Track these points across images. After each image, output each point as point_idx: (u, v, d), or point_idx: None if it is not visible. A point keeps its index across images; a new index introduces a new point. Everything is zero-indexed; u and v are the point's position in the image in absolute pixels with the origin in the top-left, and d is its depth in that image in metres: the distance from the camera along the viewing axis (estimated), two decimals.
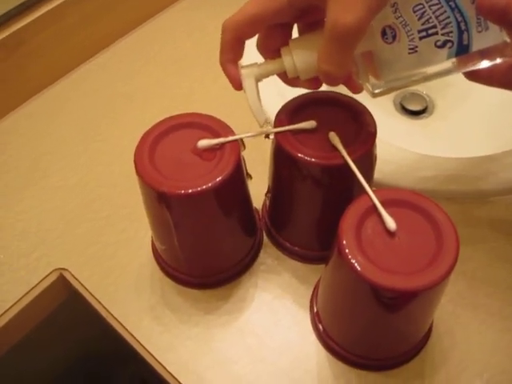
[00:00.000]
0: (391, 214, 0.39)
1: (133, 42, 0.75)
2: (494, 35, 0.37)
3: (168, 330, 0.50)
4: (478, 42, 0.37)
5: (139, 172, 0.43)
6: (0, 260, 0.55)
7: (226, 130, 0.45)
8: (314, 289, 0.51)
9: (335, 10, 0.35)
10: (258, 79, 0.42)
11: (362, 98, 0.45)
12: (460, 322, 0.50)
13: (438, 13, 0.37)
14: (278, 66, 0.41)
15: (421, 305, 0.41)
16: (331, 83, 0.39)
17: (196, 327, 0.50)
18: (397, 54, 0.39)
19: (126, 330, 0.50)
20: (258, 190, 0.53)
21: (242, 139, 0.44)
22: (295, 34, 0.43)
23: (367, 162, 0.45)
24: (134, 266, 0.54)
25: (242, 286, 0.52)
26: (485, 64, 0.39)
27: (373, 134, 0.44)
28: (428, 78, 0.40)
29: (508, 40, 0.36)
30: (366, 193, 0.41)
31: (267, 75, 0.42)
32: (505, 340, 0.49)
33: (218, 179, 0.42)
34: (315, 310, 0.49)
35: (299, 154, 0.43)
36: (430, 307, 0.42)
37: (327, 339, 0.48)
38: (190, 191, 0.41)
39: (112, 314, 0.51)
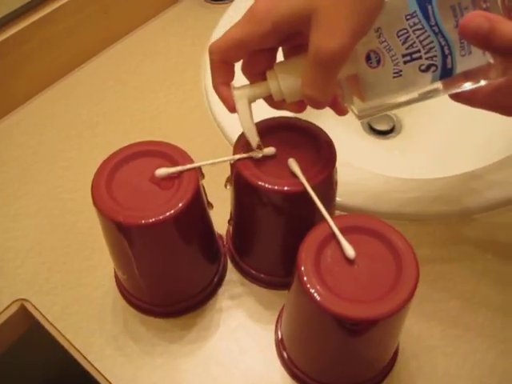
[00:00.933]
0: (351, 241, 0.39)
1: (95, 68, 0.74)
2: (477, 58, 0.37)
3: (131, 360, 0.49)
4: (462, 65, 0.38)
5: (96, 202, 0.42)
6: None
7: (185, 157, 0.44)
8: (279, 315, 0.51)
9: (318, 36, 0.36)
10: (251, 100, 0.42)
11: (330, 118, 0.45)
12: (426, 346, 0.50)
13: (421, 37, 0.37)
14: (265, 89, 0.41)
15: (382, 332, 0.40)
16: (316, 107, 0.40)
17: (160, 357, 0.49)
18: (381, 78, 0.39)
19: (88, 361, 0.49)
20: (222, 216, 0.53)
21: (200, 167, 0.44)
22: (280, 56, 0.43)
23: (327, 188, 0.45)
24: (96, 295, 0.53)
25: (207, 313, 0.52)
26: (469, 86, 0.39)
27: (332, 160, 0.44)
28: (413, 100, 0.41)
29: (492, 61, 0.37)
30: (325, 220, 0.41)
31: (257, 97, 0.42)
32: (469, 362, 0.49)
33: (175, 208, 0.41)
34: (279, 336, 0.49)
35: (259, 182, 0.43)
36: (391, 334, 0.42)
37: (292, 366, 0.47)
38: (147, 221, 0.41)
39: (74, 345, 0.50)
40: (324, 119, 0.49)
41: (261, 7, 0.38)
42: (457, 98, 0.42)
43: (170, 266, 0.47)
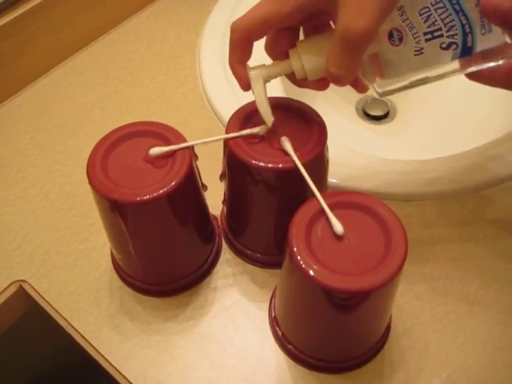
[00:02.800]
0: (340, 217, 0.40)
1: (92, 54, 0.75)
2: (497, 37, 0.38)
3: (127, 338, 0.50)
4: (482, 44, 0.38)
5: (91, 181, 0.43)
6: None
7: (178, 137, 0.45)
8: (272, 293, 0.51)
9: (347, 15, 0.36)
10: (266, 80, 0.42)
11: (325, 103, 0.45)
12: (417, 323, 0.50)
13: (443, 16, 0.37)
14: (287, 68, 0.42)
15: (373, 304, 0.41)
16: (339, 85, 0.40)
17: (156, 335, 0.50)
18: (403, 56, 0.40)
19: (85, 339, 0.50)
20: (217, 199, 0.54)
21: (193, 148, 0.45)
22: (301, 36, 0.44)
23: (319, 166, 0.46)
24: (93, 275, 0.54)
25: (201, 292, 0.52)
26: (487, 65, 0.40)
27: (323, 138, 0.44)
28: (433, 79, 0.41)
29: (509, 41, 0.38)
30: (315, 196, 0.41)
31: (275, 76, 0.43)
32: (460, 338, 0.50)
33: (169, 186, 0.42)
34: (273, 314, 0.50)
35: (250, 160, 0.43)
36: (383, 306, 0.43)
37: (286, 343, 0.48)
38: (141, 198, 0.42)
39: (71, 324, 0.51)
40: (318, 104, 0.49)
41: None
42: (475, 77, 0.42)
43: (165, 244, 0.48)
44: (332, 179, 0.56)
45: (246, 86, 0.43)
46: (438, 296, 0.52)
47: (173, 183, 0.42)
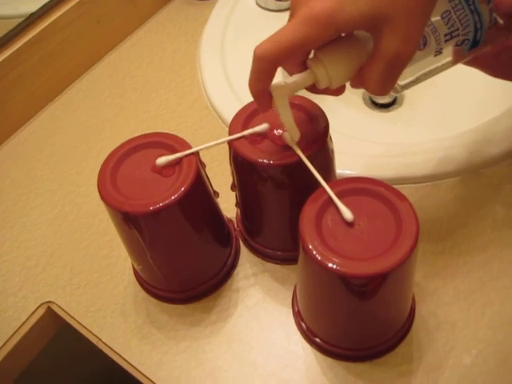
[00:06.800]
0: (349, 203, 0.40)
1: (95, 76, 0.76)
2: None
3: (156, 348, 0.51)
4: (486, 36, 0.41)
5: (102, 196, 0.44)
6: None
7: (183, 145, 0.46)
8: (294, 288, 0.52)
9: (395, 41, 0.36)
10: (289, 95, 0.41)
11: (331, 97, 0.45)
12: (442, 303, 0.50)
13: (461, 16, 0.40)
14: (309, 80, 0.40)
15: (392, 287, 0.41)
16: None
17: (183, 341, 0.51)
18: (423, 57, 0.42)
19: (116, 353, 0.51)
20: (231, 201, 0.54)
21: (198, 152, 0.45)
22: None
23: (323, 156, 0.46)
24: (118, 290, 0.55)
25: (224, 295, 0.53)
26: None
27: (325, 129, 0.45)
28: (437, 71, 0.44)
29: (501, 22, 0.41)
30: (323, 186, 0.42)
31: (297, 90, 0.41)
32: (487, 314, 0.49)
33: (179, 192, 0.43)
34: (296, 309, 0.50)
35: (256, 158, 0.44)
36: (402, 288, 0.43)
37: (311, 336, 0.49)
38: (154, 207, 0.42)
39: (101, 340, 0.52)
40: (324, 99, 0.49)
41: (321, 9, 0.36)
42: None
43: (182, 251, 0.49)
44: (345, 170, 0.56)
45: (268, 107, 0.41)
46: (460, 274, 0.52)
47: (182, 189, 0.43)
